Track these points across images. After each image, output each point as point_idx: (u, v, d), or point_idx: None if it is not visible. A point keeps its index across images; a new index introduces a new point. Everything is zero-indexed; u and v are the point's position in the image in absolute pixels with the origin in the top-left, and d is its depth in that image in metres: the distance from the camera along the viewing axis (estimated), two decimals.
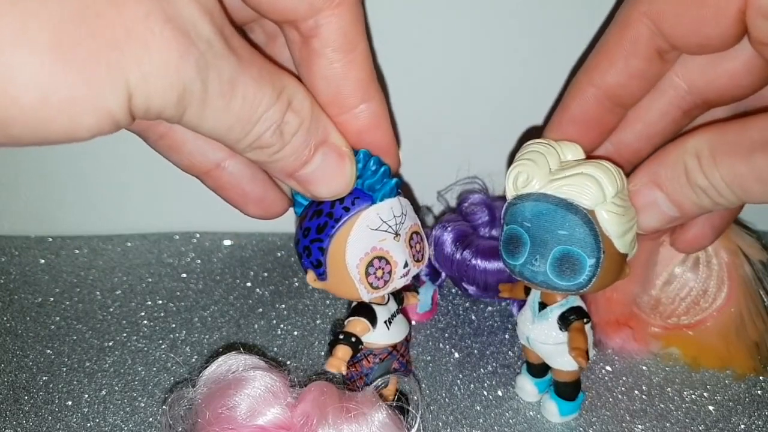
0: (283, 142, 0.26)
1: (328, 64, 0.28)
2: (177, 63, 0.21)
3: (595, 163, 0.29)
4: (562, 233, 0.29)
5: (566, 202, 0.29)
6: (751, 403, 0.37)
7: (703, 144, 0.28)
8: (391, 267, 0.31)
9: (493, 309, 0.45)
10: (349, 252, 0.30)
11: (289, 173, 0.28)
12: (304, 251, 0.31)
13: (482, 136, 0.47)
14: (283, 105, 0.25)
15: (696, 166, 0.28)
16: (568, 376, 0.35)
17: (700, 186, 0.28)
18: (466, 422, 0.37)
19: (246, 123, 0.25)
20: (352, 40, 0.28)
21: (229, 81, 0.23)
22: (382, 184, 0.30)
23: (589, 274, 0.29)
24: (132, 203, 0.53)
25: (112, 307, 0.46)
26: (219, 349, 0.42)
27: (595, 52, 0.31)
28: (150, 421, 0.37)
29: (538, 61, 0.44)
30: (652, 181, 0.30)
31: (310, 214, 0.31)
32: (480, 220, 0.44)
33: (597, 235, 0.29)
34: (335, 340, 0.33)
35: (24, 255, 0.51)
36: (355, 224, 0.30)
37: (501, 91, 0.46)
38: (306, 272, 0.32)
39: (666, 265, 0.39)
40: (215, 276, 0.49)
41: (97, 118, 0.20)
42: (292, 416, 0.30)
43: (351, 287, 0.31)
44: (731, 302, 0.39)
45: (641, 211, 0.30)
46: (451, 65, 0.45)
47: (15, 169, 0.50)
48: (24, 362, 0.41)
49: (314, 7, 0.27)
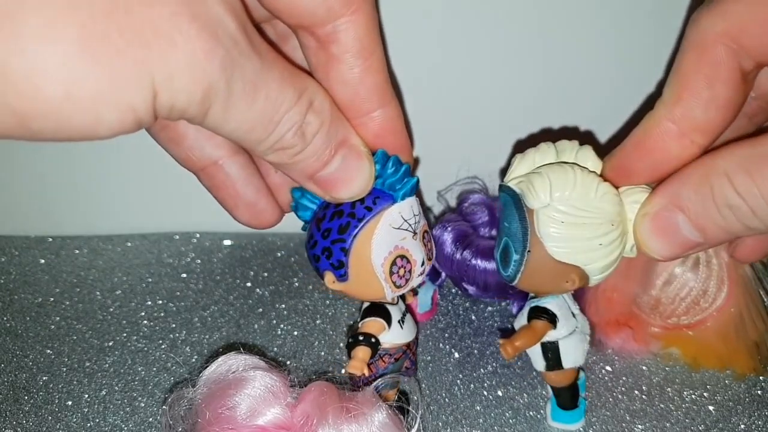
0: (304, 143, 0.26)
1: (348, 70, 0.28)
2: (203, 61, 0.21)
3: (560, 166, 0.29)
4: (505, 224, 0.31)
5: (517, 197, 0.30)
6: (751, 403, 0.37)
7: (734, 162, 0.25)
8: (411, 265, 0.31)
9: (493, 309, 0.45)
10: (374, 251, 0.30)
11: (309, 175, 0.28)
12: (324, 252, 0.30)
13: (482, 136, 0.47)
14: (305, 105, 0.25)
15: (726, 186, 0.25)
16: (556, 380, 0.35)
17: (732, 206, 0.25)
18: (466, 422, 0.37)
19: (268, 123, 0.24)
20: (369, 45, 0.28)
21: (253, 81, 0.23)
22: (403, 183, 0.30)
23: (514, 268, 0.30)
24: (132, 203, 0.53)
25: (112, 307, 0.46)
26: (219, 349, 0.42)
27: (670, 84, 0.28)
28: (150, 421, 0.37)
29: (539, 61, 0.44)
30: (672, 203, 0.27)
31: (329, 215, 0.30)
32: (480, 220, 0.44)
33: (526, 233, 0.29)
34: (354, 341, 0.32)
35: (24, 255, 0.51)
36: (379, 223, 0.30)
37: (501, 91, 0.46)
38: (323, 275, 0.31)
39: (666, 265, 0.39)
40: (215, 276, 0.49)
41: (119, 116, 0.20)
42: (292, 416, 0.30)
43: (376, 287, 0.31)
44: (731, 302, 0.38)
45: (659, 237, 0.28)
46: (451, 65, 0.45)
47: (15, 169, 0.50)
48: (24, 362, 0.41)
49: (333, 13, 0.26)
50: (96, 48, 0.19)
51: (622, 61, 0.44)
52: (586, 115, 0.46)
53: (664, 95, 0.28)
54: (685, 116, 0.27)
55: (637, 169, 0.29)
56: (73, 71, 0.19)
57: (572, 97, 0.45)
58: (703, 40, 0.26)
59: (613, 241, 0.29)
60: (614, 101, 0.45)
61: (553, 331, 0.33)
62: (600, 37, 0.43)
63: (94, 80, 0.19)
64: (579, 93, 0.45)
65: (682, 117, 0.27)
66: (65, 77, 0.19)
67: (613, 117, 0.46)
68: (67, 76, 0.19)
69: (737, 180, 0.25)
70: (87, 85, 0.19)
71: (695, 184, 0.27)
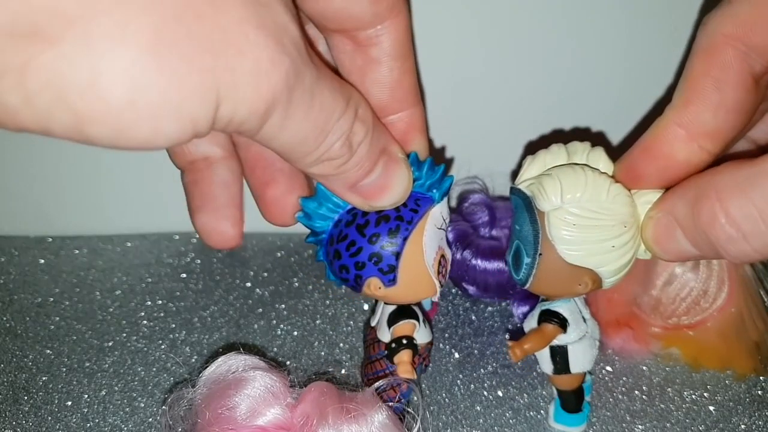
0: (350, 153, 0.25)
1: (388, 72, 0.28)
2: (269, 71, 0.20)
3: (571, 168, 0.29)
4: (517, 227, 0.31)
5: (529, 199, 0.30)
6: (752, 403, 0.37)
7: (726, 179, 0.24)
8: (446, 263, 0.32)
9: (493, 309, 0.45)
10: (427, 251, 0.30)
11: (351, 185, 0.27)
12: (371, 258, 0.30)
13: (482, 136, 0.47)
14: (352, 114, 0.25)
15: (717, 208, 0.24)
16: (562, 383, 0.35)
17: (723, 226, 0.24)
18: (466, 422, 0.36)
19: (320, 133, 0.24)
20: (407, 49, 0.28)
21: (311, 89, 0.22)
22: (441, 183, 0.31)
23: (525, 271, 0.30)
24: (132, 203, 0.53)
25: (112, 307, 0.46)
26: (219, 350, 0.42)
27: (680, 88, 0.27)
28: (150, 421, 0.37)
29: (539, 61, 0.44)
30: (671, 215, 0.27)
31: (373, 220, 0.30)
32: (480, 220, 0.43)
33: (537, 236, 0.29)
34: (398, 346, 0.33)
35: (24, 255, 0.51)
36: (426, 224, 0.30)
37: (502, 91, 0.46)
38: (363, 284, 0.30)
39: (666, 266, 0.39)
40: (215, 276, 0.49)
41: (180, 127, 0.19)
42: (292, 417, 0.30)
43: (428, 286, 0.31)
44: (731, 302, 0.38)
45: (659, 244, 0.28)
46: (452, 65, 0.45)
47: (15, 169, 0.50)
48: (24, 362, 0.41)
49: (378, 18, 0.26)
50: (164, 54, 0.18)
51: (634, 61, 0.44)
52: (598, 116, 0.46)
53: (674, 99, 0.27)
54: (693, 121, 0.26)
55: (646, 174, 0.28)
56: (140, 78, 0.18)
57: (584, 97, 0.45)
58: (711, 43, 0.25)
59: (626, 243, 0.28)
60: (626, 102, 0.45)
61: (563, 335, 0.33)
62: (612, 36, 0.43)
63: (159, 88, 0.18)
64: (591, 93, 0.45)
65: (691, 121, 0.26)
66: (129, 82, 0.18)
67: (625, 118, 0.45)
68: (131, 81, 0.18)
69: (728, 203, 0.24)
70: (150, 93, 0.18)
71: (690, 200, 0.26)
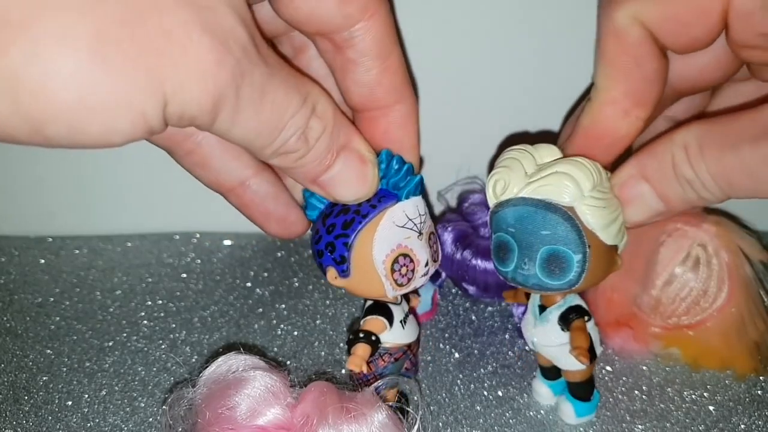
0: (307, 148, 0.27)
1: (365, 72, 0.29)
2: (214, 70, 0.21)
3: (569, 160, 0.30)
4: (545, 233, 0.29)
5: (545, 203, 0.29)
6: (752, 403, 0.37)
7: (691, 136, 0.28)
8: (414, 265, 0.32)
9: (493, 309, 0.45)
10: (376, 248, 0.30)
11: (312, 178, 0.29)
12: (327, 247, 0.31)
13: (482, 136, 0.47)
14: (308, 110, 0.26)
15: (683, 158, 0.28)
16: (578, 376, 0.35)
17: (687, 178, 0.28)
18: (466, 422, 0.36)
19: (274, 129, 0.25)
20: (386, 48, 0.29)
21: (260, 87, 0.23)
22: (406, 182, 0.31)
23: (577, 270, 0.30)
24: (132, 203, 0.53)
25: (112, 307, 0.46)
26: (219, 350, 0.42)
27: (601, 71, 0.30)
28: (150, 421, 0.37)
29: (539, 61, 0.44)
30: (639, 174, 0.30)
31: (335, 211, 0.31)
32: (480, 220, 0.44)
33: (580, 230, 0.29)
34: (354, 338, 0.33)
35: (24, 255, 0.51)
36: (382, 220, 0.30)
37: (501, 91, 0.46)
38: (325, 271, 0.32)
39: (666, 266, 0.39)
40: (215, 276, 0.49)
41: (131, 123, 0.20)
42: (292, 416, 0.30)
43: (377, 284, 0.31)
44: (731, 302, 0.38)
45: (627, 204, 0.30)
46: (452, 65, 0.45)
47: (14, 170, 0.50)
48: (24, 362, 0.41)
49: (349, 19, 0.27)
50: (109, 55, 0.19)
51: None
52: None
53: (598, 82, 0.30)
54: (624, 96, 0.29)
55: (593, 155, 0.30)
56: (86, 77, 0.19)
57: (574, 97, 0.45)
58: (619, 25, 0.28)
59: (618, 208, 0.30)
60: None
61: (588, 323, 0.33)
62: None
63: (106, 87, 0.19)
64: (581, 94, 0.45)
65: (623, 97, 0.29)
66: (78, 83, 0.19)
67: None
68: (80, 81, 0.19)
69: (691, 154, 0.27)
70: (99, 91, 0.19)
71: (660, 154, 0.29)
